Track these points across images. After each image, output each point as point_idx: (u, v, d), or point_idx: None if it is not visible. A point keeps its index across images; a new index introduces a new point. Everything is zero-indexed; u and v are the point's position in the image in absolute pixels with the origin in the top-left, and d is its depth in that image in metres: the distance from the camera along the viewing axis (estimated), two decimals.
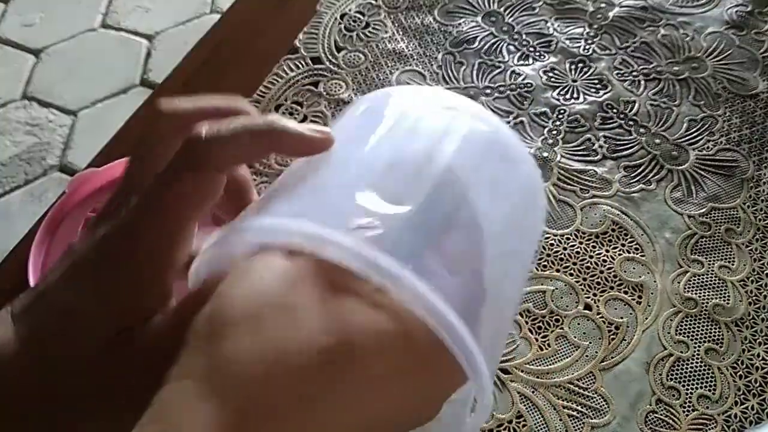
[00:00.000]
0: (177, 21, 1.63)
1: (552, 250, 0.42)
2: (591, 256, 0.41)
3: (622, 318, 0.39)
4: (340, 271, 0.18)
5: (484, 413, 0.21)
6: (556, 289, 0.40)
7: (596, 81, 0.50)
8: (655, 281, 0.40)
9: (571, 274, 0.41)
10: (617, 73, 0.50)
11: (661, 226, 0.43)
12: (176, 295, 0.23)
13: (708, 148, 0.46)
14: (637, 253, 0.41)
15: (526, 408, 0.36)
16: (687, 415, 0.36)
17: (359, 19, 0.53)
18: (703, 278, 0.41)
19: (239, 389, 0.17)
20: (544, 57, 0.51)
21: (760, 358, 0.38)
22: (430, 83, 0.49)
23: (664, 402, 0.37)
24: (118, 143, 0.47)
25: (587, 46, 0.51)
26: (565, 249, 0.42)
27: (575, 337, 0.38)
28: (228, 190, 0.25)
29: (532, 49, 0.51)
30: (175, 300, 0.23)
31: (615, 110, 0.48)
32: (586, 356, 0.38)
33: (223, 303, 0.19)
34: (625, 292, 0.40)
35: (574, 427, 0.36)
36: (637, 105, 0.48)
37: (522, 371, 0.37)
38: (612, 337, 0.38)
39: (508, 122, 0.47)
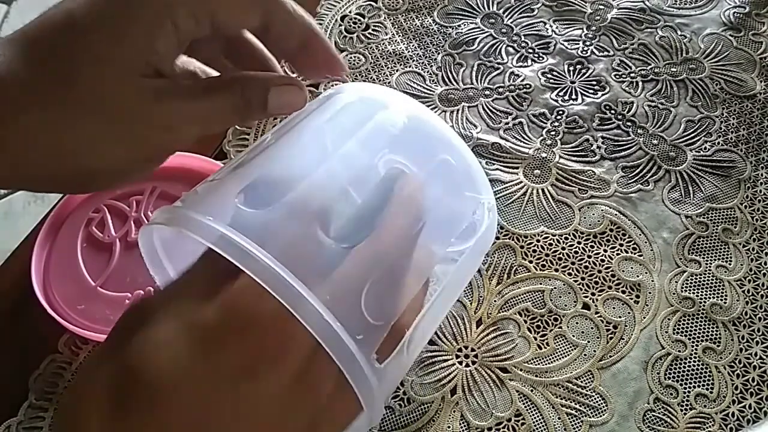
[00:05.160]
0: None
1: (551, 249, 0.42)
2: (589, 256, 0.42)
3: (620, 317, 0.39)
4: None
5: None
6: (555, 288, 0.40)
7: (594, 82, 0.50)
8: (652, 281, 0.41)
9: (570, 274, 0.41)
10: (615, 75, 0.50)
11: (658, 226, 0.43)
12: None
13: (705, 148, 0.46)
14: (635, 253, 0.42)
15: (525, 406, 0.37)
16: (685, 414, 0.36)
17: (359, 20, 0.54)
18: (700, 278, 0.41)
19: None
20: (543, 58, 0.51)
21: (758, 357, 0.38)
22: (429, 84, 0.50)
23: (662, 401, 0.37)
24: None
25: (585, 48, 0.52)
26: (563, 249, 0.42)
27: (574, 336, 0.39)
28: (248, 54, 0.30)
29: (530, 50, 0.52)
30: None
31: (613, 111, 0.48)
32: (585, 355, 0.38)
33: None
34: (623, 292, 0.40)
35: (572, 425, 0.36)
36: (635, 106, 0.48)
37: (521, 370, 0.38)
38: (610, 336, 0.39)
39: (507, 123, 0.48)
